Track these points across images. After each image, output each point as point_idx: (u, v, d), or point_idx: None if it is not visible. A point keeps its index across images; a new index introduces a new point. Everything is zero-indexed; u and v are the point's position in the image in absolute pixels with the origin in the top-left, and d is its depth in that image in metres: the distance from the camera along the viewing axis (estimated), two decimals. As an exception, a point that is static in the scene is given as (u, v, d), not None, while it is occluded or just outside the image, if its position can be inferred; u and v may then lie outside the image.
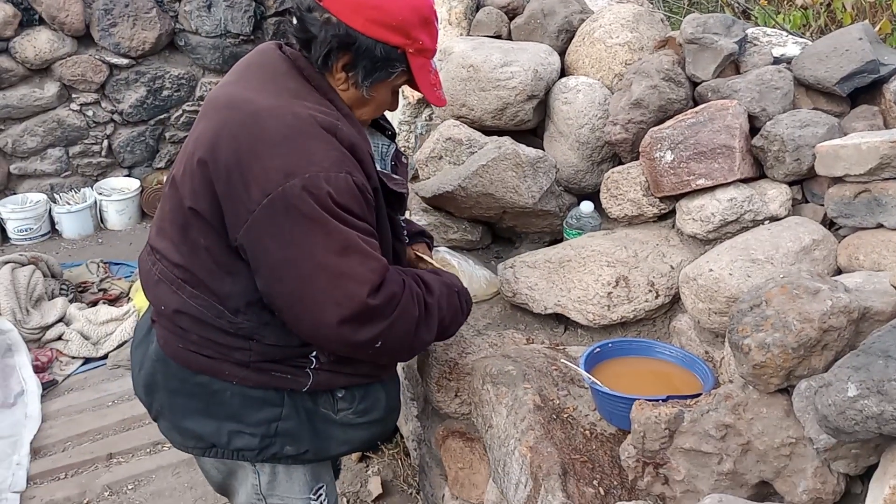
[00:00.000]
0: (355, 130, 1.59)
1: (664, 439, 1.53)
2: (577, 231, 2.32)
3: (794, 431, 1.42)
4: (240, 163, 1.48)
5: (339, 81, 1.60)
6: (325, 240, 1.48)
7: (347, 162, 1.51)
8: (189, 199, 1.57)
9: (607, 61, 2.46)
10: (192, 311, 1.64)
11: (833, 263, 1.83)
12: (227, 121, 1.53)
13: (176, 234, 1.64)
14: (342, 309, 1.50)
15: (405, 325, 1.60)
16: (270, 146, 1.47)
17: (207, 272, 1.61)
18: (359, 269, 1.50)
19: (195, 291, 1.63)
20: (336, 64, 1.57)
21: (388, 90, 1.66)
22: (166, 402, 1.76)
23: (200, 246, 1.60)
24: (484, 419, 1.92)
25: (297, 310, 1.54)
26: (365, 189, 1.54)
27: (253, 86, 1.58)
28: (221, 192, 1.51)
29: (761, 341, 1.39)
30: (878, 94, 2.02)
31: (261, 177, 1.46)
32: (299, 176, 1.45)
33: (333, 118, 1.54)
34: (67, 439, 3.11)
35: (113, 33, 4.63)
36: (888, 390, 1.16)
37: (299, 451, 1.74)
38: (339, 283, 1.49)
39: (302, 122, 1.50)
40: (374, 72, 1.57)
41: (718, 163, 2.00)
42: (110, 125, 4.87)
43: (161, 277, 1.68)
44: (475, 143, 2.48)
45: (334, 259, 1.48)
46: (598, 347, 1.86)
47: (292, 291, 1.52)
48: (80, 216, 4.69)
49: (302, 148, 1.48)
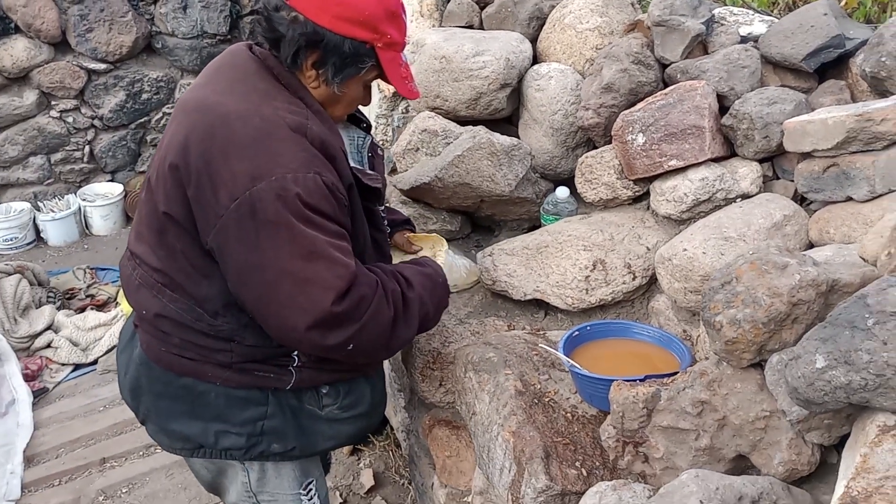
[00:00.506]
0: (326, 128, 1.59)
1: (643, 418, 1.55)
2: (554, 216, 2.34)
3: (768, 405, 1.44)
4: (208, 167, 1.49)
5: (309, 79, 1.61)
6: (291, 245, 1.48)
7: (317, 162, 1.52)
8: (163, 204, 1.58)
9: (578, 47, 2.47)
10: (173, 315, 1.65)
11: (804, 238, 1.85)
12: (197, 124, 1.53)
13: (153, 238, 1.64)
14: (307, 315, 1.51)
15: (378, 328, 1.60)
16: (238, 150, 1.48)
17: (185, 276, 1.62)
18: (324, 275, 1.50)
19: (174, 295, 1.64)
20: (305, 62, 1.57)
21: (360, 86, 1.66)
22: (152, 405, 1.77)
23: (177, 250, 1.60)
24: (468, 406, 1.94)
25: (264, 314, 1.55)
26: (335, 188, 1.54)
27: (222, 88, 1.58)
28: (192, 196, 1.52)
29: (732, 317, 1.41)
30: (844, 69, 2.04)
31: (229, 181, 1.47)
32: (266, 179, 1.45)
33: (302, 118, 1.55)
34: (60, 446, 3.12)
35: (89, 38, 4.62)
36: (855, 360, 1.18)
37: (286, 449, 1.76)
38: (304, 289, 1.50)
39: (270, 124, 1.50)
40: (343, 68, 1.58)
41: (689, 143, 2.02)
42: (91, 131, 4.87)
43: (141, 282, 1.69)
44: (450, 133, 2.49)
45: (300, 264, 1.48)
46: (577, 331, 1.88)
47: (259, 296, 1.53)
48: (65, 223, 4.69)
49: (269, 151, 1.48)
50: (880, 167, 1.71)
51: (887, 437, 1.18)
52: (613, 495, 1.50)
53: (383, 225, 1.83)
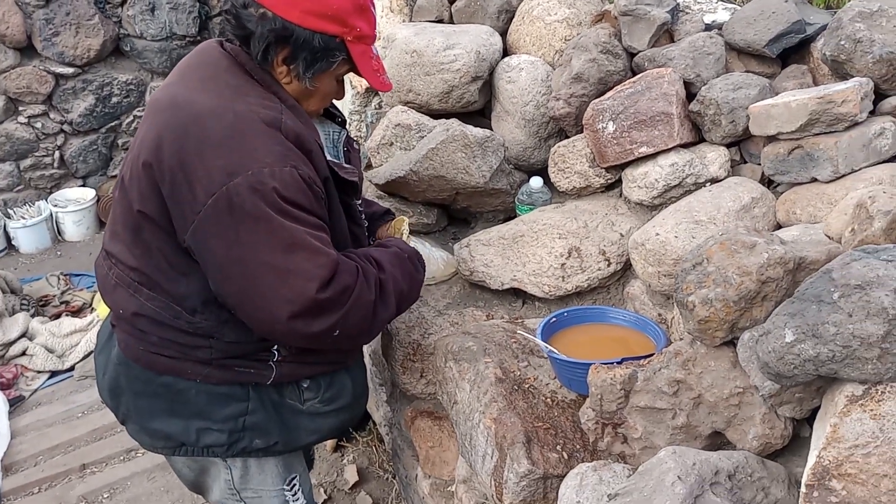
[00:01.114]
0: (301, 122, 1.60)
1: (620, 400, 1.58)
2: (529, 206, 2.37)
3: (741, 381, 1.48)
4: (183, 164, 1.49)
5: (281, 75, 1.61)
6: (271, 238, 1.48)
7: (292, 156, 1.52)
8: (137, 203, 1.57)
9: (547, 38, 2.50)
10: (150, 314, 1.65)
11: (772, 219, 1.89)
12: (170, 122, 1.53)
13: (128, 237, 1.64)
14: (292, 305, 1.51)
15: (361, 312, 1.62)
16: (213, 146, 1.48)
17: (162, 273, 1.62)
18: (305, 266, 1.51)
19: (152, 293, 1.64)
20: (276, 58, 1.58)
21: (332, 80, 1.66)
22: (132, 404, 1.77)
23: (153, 248, 1.60)
24: (449, 396, 1.96)
25: (247, 308, 1.56)
26: (312, 181, 1.55)
27: (194, 85, 1.58)
28: (167, 194, 1.52)
29: (704, 297, 1.45)
30: (806, 54, 2.09)
31: (204, 178, 1.47)
32: (242, 174, 1.46)
33: (276, 112, 1.55)
34: (39, 454, 3.10)
35: (56, 42, 4.58)
36: (822, 333, 1.22)
37: (269, 444, 1.76)
38: (287, 281, 1.50)
39: (243, 120, 1.50)
40: (314, 63, 1.58)
41: (658, 130, 2.05)
42: (61, 136, 4.82)
43: (118, 282, 1.68)
44: (424, 127, 2.51)
45: (280, 257, 1.49)
46: (555, 317, 1.91)
47: (241, 290, 1.53)
48: (37, 230, 4.64)
49: (244, 146, 1.48)
50: (843, 148, 1.75)
51: (855, 406, 1.21)
52: (594, 476, 1.52)
53: (360, 219, 1.84)
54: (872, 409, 1.19)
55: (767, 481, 1.38)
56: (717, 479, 1.32)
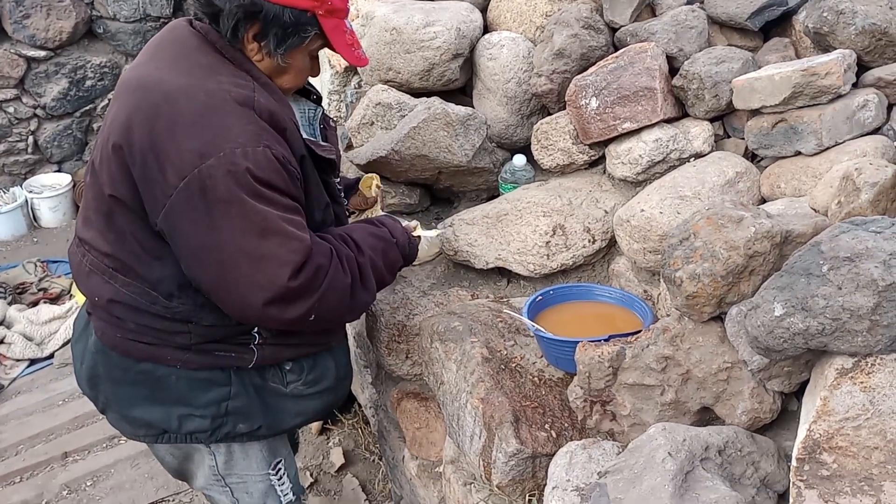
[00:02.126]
0: (274, 99, 1.56)
1: (608, 377, 1.58)
2: (512, 185, 2.35)
3: (730, 356, 1.47)
4: (154, 146, 1.45)
5: (252, 52, 1.57)
6: (244, 222, 1.46)
7: (266, 135, 1.49)
8: (108, 187, 1.54)
9: (528, 14, 2.47)
10: (126, 300, 1.62)
11: (757, 194, 1.88)
12: (140, 103, 1.49)
13: (101, 222, 1.61)
14: (265, 292, 1.49)
15: (337, 295, 1.59)
16: (184, 127, 1.45)
17: (136, 258, 1.59)
18: (278, 251, 1.48)
19: (126, 279, 1.61)
20: (246, 35, 1.54)
21: (305, 56, 1.62)
22: (111, 393, 1.74)
23: (126, 232, 1.57)
24: (435, 377, 1.95)
25: (222, 294, 1.54)
26: (286, 161, 1.52)
27: (165, 65, 1.54)
28: (138, 176, 1.49)
29: (692, 272, 1.44)
30: (788, 27, 2.08)
31: (176, 159, 1.44)
32: (215, 155, 1.43)
33: (249, 90, 1.52)
34: (19, 442, 3.07)
35: (27, 25, 4.48)
36: (811, 306, 1.22)
37: (252, 428, 1.75)
38: (260, 267, 1.48)
39: (215, 99, 1.47)
40: (286, 39, 1.54)
41: (642, 105, 2.04)
42: (34, 120, 4.73)
43: (92, 268, 1.65)
44: (405, 106, 2.48)
45: (254, 242, 1.47)
46: (540, 295, 1.90)
47: (215, 276, 1.51)
48: (12, 216, 4.57)
49: (216, 126, 1.45)
50: (826, 120, 1.75)
51: (845, 379, 1.21)
52: (583, 454, 1.52)
53: (340, 197, 1.81)
54: (863, 382, 1.19)
55: (757, 456, 1.38)
56: (707, 454, 1.32)
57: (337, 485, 2.82)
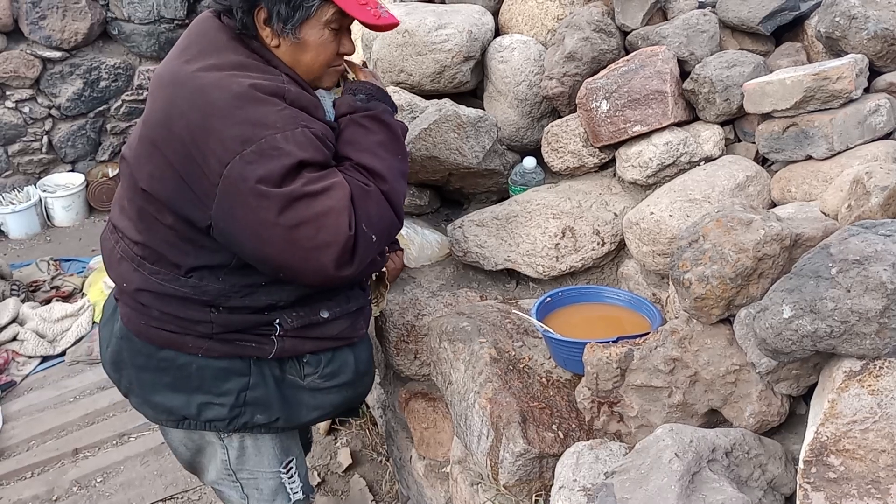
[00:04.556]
0: (305, 92, 1.58)
1: (616, 378, 1.58)
2: (522, 187, 2.35)
3: (738, 359, 1.47)
4: (195, 139, 1.47)
5: (268, 40, 1.58)
6: (292, 195, 1.46)
7: (301, 117, 1.51)
8: (144, 181, 1.57)
9: (539, 17, 2.48)
10: (154, 287, 1.64)
11: (767, 198, 1.88)
12: (174, 98, 1.51)
13: (133, 212, 1.64)
14: (333, 248, 1.49)
15: (375, 205, 1.57)
16: (221, 118, 1.46)
17: (168, 246, 1.61)
18: (329, 203, 1.48)
19: (155, 267, 1.64)
20: (258, 23, 1.55)
21: (321, 29, 1.58)
22: (135, 377, 1.77)
23: (158, 223, 1.60)
24: (443, 377, 1.95)
25: (295, 263, 1.52)
26: (325, 136, 1.54)
27: (196, 59, 1.56)
28: (183, 171, 1.50)
29: (701, 274, 1.44)
30: (800, 31, 2.07)
31: (218, 149, 1.45)
32: (256, 142, 1.44)
33: (279, 82, 1.53)
34: (31, 438, 3.09)
35: (43, 26, 4.52)
36: (820, 308, 1.22)
37: (270, 420, 1.76)
38: (323, 226, 1.47)
39: (248, 89, 1.48)
40: (293, 13, 1.53)
41: (652, 108, 2.04)
42: (49, 121, 4.77)
43: (123, 255, 1.68)
44: (416, 107, 2.49)
45: (305, 205, 1.46)
46: (549, 297, 1.90)
47: (281, 249, 1.50)
48: (26, 215, 4.60)
49: (253, 114, 1.46)
50: (838, 125, 1.74)
51: (853, 382, 1.21)
52: (590, 455, 1.53)
53: None
54: (870, 385, 1.19)
55: (765, 458, 1.38)
56: (714, 456, 1.32)
57: (344, 485, 2.83)
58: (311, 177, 1.49)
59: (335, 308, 1.73)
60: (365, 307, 1.85)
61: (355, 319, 1.80)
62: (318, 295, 1.70)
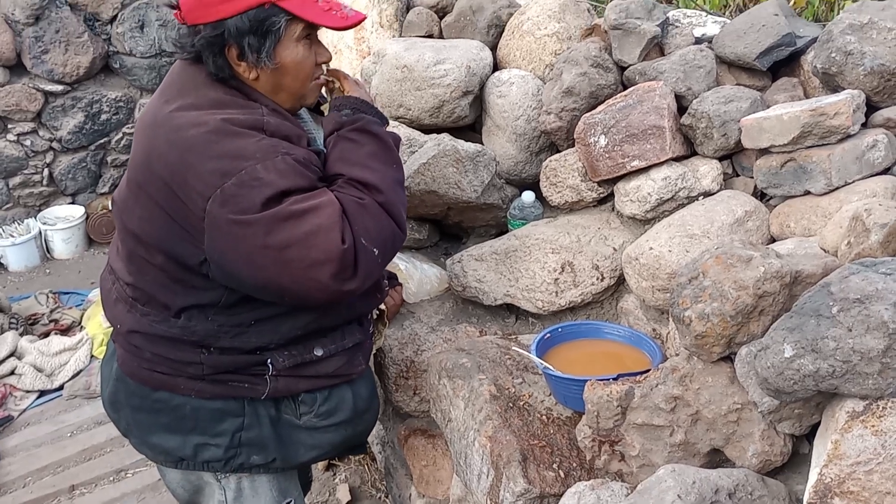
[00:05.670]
0: (288, 122, 1.58)
1: (617, 417, 1.57)
2: (521, 221, 2.35)
3: (740, 397, 1.46)
4: (174, 178, 1.48)
5: (245, 73, 1.57)
6: (279, 219, 1.45)
7: (280, 146, 1.50)
8: (133, 224, 1.58)
9: (537, 53, 2.50)
10: (145, 329, 1.64)
11: (766, 233, 1.88)
12: (153, 139, 1.53)
13: (125, 254, 1.65)
14: (328, 265, 1.46)
15: (373, 218, 1.55)
16: (198, 154, 1.46)
17: (158, 287, 1.61)
18: (318, 221, 1.46)
19: (146, 308, 1.64)
20: (231, 61, 1.55)
21: (294, 46, 1.57)
22: (132, 418, 1.76)
23: (148, 264, 1.60)
24: (443, 414, 1.94)
25: (293, 287, 1.50)
26: (308, 161, 1.53)
27: (174, 99, 1.57)
28: (169, 209, 1.50)
29: (701, 312, 1.43)
30: (796, 66, 2.08)
31: (198, 185, 1.45)
32: (236, 174, 1.44)
33: (258, 115, 1.54)
34: (27, 475, 3.05)
35: (45, 60, 4.55)
36: (822, 348, 1.21)
37: (267, 460, 1.74)
38: (314, 244, 1.45)
39: (225, 124, 1.49)
40: (263, 41, 1.52)
41: (650, 143, 2.04)
42: (50, 153, 4.78)
43: (118, 296, 1.70)
44: (415, 142, 2.50)
45: (294, 227, 1.45)
46: (549, 333, 1.89)
47: (276, 273, 1.48)
48: (25, 248, 4.59)
49: (230, 147, 1.46)
50: (836, 160, 1.74)
51: (857, 422, 1.20)
52: (592, 495, 1.51)
53: None
54: (874, 425, 1.17)
55: (768, 499, 1.36)
56: (717, 497, 1.30)
57: (343, 522, 2.80)
58: (297, 198, 1.48)
59: (330, 345, 1.72)
60: (363, 343, 1.83)
61: (352, 356, 1.78)
62: (311, 333, 1.69)
